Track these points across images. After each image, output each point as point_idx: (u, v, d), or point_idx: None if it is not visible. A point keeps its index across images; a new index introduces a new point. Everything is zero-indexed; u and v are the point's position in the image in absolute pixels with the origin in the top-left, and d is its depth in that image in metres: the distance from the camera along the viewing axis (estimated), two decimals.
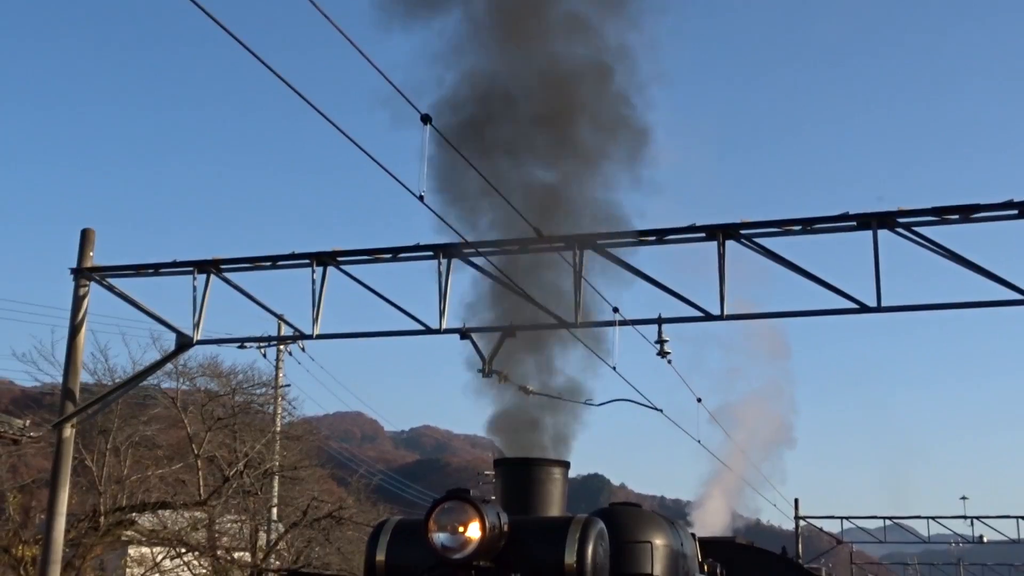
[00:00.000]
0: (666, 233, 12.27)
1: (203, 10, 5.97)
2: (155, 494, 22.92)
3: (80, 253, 14.60)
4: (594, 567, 6.94)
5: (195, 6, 5.92)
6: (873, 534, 45.62)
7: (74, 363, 14.37)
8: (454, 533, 6.73)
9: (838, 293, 11.35)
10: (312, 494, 28.47)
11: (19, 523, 19.94)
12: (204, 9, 5.96)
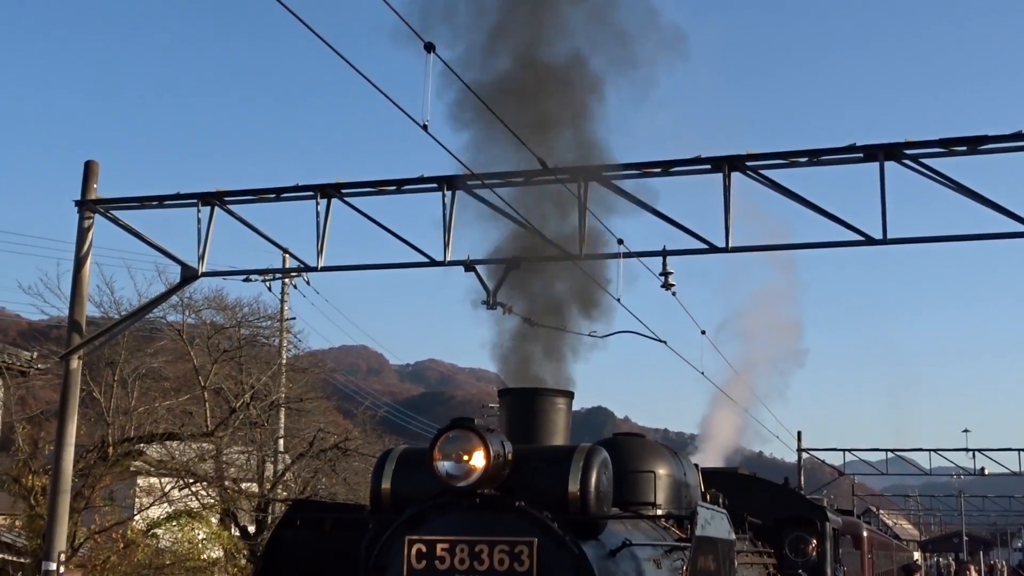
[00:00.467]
0: (671, 165, 12.22)
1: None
2: (162, 425, 23.09)
3: (84, 185, 14.58)
4: (597, 495, 6.99)
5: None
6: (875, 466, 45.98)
7: (80, 295, 14.41)
8: (459, 462, 6.78)
9: (844, 225, 11.33)
10: (318, 426, 28.70)
11: (28, 454, 20.09)
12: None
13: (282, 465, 28.18)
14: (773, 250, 12.39)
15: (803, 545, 13.69)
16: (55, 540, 13.77)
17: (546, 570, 6.65)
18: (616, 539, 7.31)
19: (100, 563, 20.63)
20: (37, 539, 17.77)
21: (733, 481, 13.14)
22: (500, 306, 10.71)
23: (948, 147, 11.13)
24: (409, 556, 6.90)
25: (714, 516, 7.54)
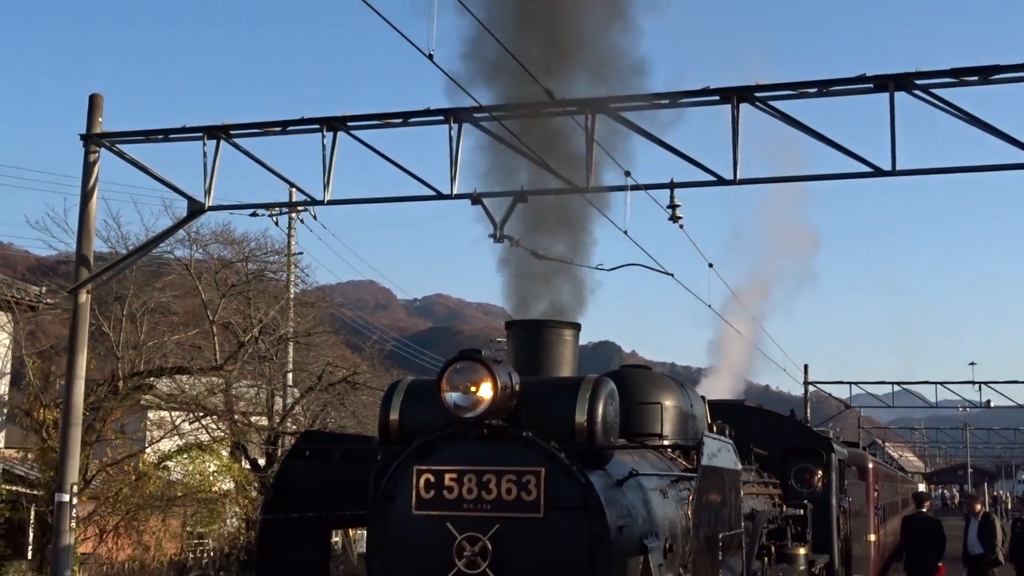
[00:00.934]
0: (680, 96, 12.12)
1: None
2: (172, 359, 23.23)
3: (89, 119, 14.53)
4: (604, 426, 7.03)
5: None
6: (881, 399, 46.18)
7: (87, 230, 14.42)
8: (466, 393, 6.81)
9: (853, 157, 11.26)
10: (326, 360, 28.86)
11: (39, 388, 20.26)
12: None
13: (291, 399, 28.38)
14: (781, 182, 12.33)
15: (808, 476, 13.79)
16: (67, 472, 13.91)
17: (553, 499, 6.71)
18: (622, 469, 7.37)
19: (112, 495, 20.89)
20: (50, 471, 17.97)
21: (739, 413, 13.20)
22: (507, 239, 10.69)
23: (959, 77, 11.02)
24: (418, 486, 6.96)
25: (720, 447, 7.59)
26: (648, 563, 7.23)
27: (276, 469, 8.30)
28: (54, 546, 14.04)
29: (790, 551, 11.86)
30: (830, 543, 13.74)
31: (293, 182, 14.91)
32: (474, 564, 6.68)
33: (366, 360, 31.19)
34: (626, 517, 7.04)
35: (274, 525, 7.51)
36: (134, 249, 17.67)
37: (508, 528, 6.70)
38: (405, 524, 7.01)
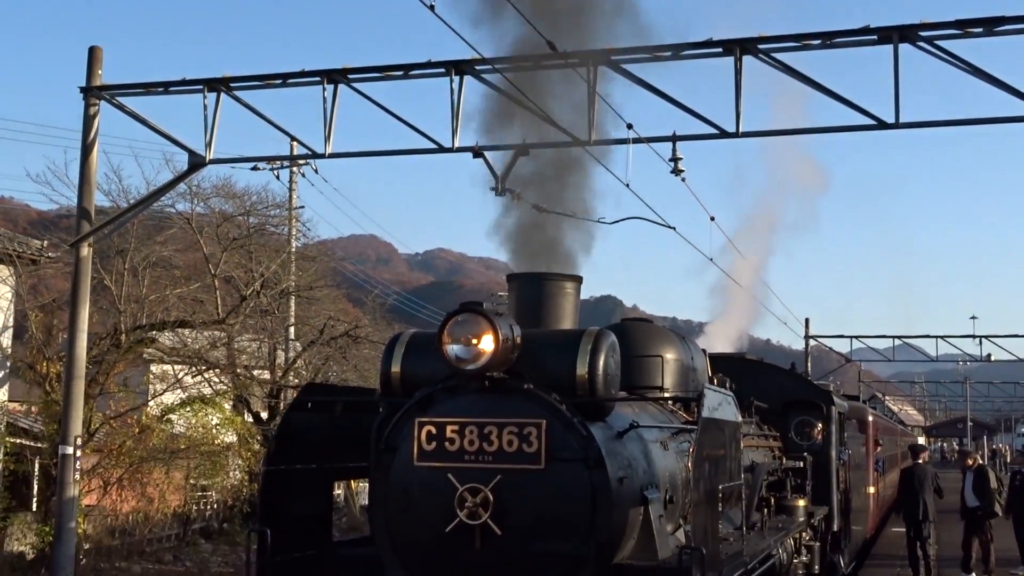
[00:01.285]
0: (682, 48, 12.04)
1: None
2: (174, 313, 23.26)
3: (88, 71, 14.45)
4: (605, 378, 7.06)
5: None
6: (882, 353, 46.29)
7: (88, 183, 14.39)
8: (468, 345, 6.83)
9: (856, 109, 11.20)
10: (328, 314, 28.91)
11: (42, 341, 20.30)
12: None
13: (293, 352, 28.47)
14: (783, 135, 12.28)
15: (808, 429, 13.86)
16: (71, 425, 13.98)
17: (554, 451, 6.75)
18: (623, 421, 7.40)
19: (116, 448, 21.00)
20: (53, 424, 18.05)
21: (740, 366, 13.24)
22: (509, 192, 10.66)
23: (964, 28, 10.94)
24: (419, 437, 7.00)
25: (720, 399, 7.62)
26: (648, 514, 7.29)
27: (278, 422, 8.33)
28: (58, 498, 14.14)
29: (789, 503, 11.95)
30: (829, 495, 13.83)
31: (294, 135, 14.86)
32: (475, 515, 6.73)
33: (368, 314, 31.26)
34: (627, 469, 7.09)
35: (277, 477, 7.56)
36: (135, 202, 17.64)
37: (509, 479, 6.75)
38: (407, 476, 7.05)
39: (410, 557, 7.06)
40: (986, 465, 18.42)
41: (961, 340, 41.28)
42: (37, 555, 18.65)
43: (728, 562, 7.34)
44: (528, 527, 6.72)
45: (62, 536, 13.86)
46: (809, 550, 12.33)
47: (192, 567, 22.47)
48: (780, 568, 9.91)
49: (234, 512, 27.75)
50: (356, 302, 36.29)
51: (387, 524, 7.15)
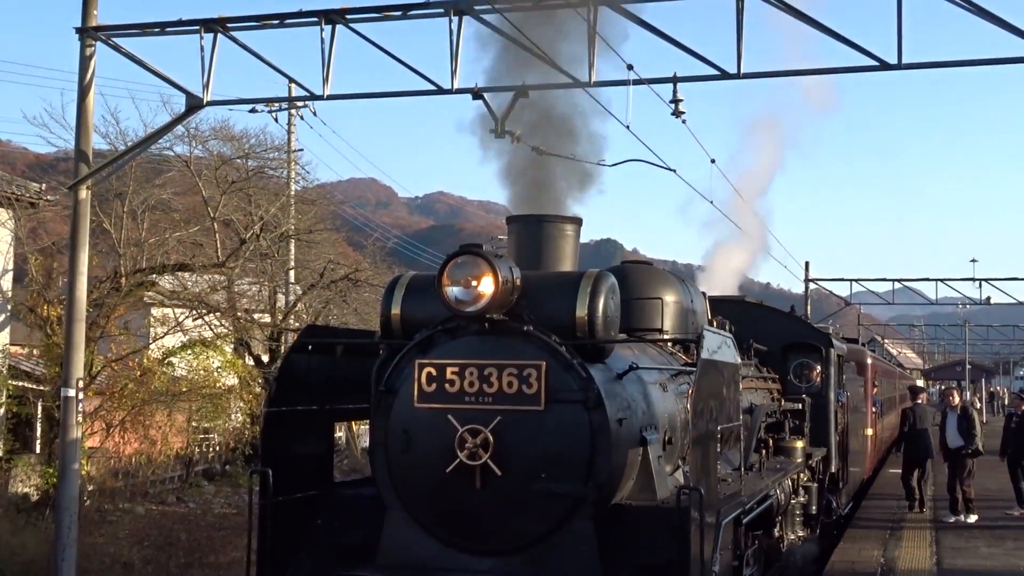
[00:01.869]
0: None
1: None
2: (173, 257, 23.27)
3: (84, 12, 14.28)
4: (605, 320, 7.07)
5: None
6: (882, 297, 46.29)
7: (85, 125, 14.29)
8: (467, 287, 6.83)
9: (859, 50, 11.09)
10: (328, 257, 28.92)
11: (42, 284, 20.33)
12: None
13: (293, 296, 28.50)
14: (785, 76, 12.17)
15: (807, 371, 13.90)
16: (72, 367, 14.00)
17: (554, 392, 6.78)
18: (623, 363, 7.42)
19: (118, 390, 21.10)
20: (55, 367, 18.12)
21: (739, 309, 13.26)
22: (508, 134, 10.59)
23: None
24: (420, 379, 7.02)
25: (720, 341, 7.63)
26: (647, 455, 7.34)
27: (279, 364, 8.35)
28: (61, 440, 14.20)
29: (788, 444, 12.02)
30: (827, 437, 13.91)
31: (292, 76, 14.74)
32: (476, 456, 6.77)
33: (368, 258, 31.25)
34: (626, 410, 7.12)
35: (278, 418, 7.60)
36: (133, 144, 17.55)
37: (509, 420, 6.79)
38: (407, 417, 7.09)
39: (411, 497, 7.12)
40: (970, 406, 18.41)
41: (961, 283, 41.26)
42: (41, 496, 18.82)
43: (726, 502, 7.40)
44: (528, 468, 6.77)
45: (66, 477, 13.94)
46: (807, 491, 12.42)
47: (195, 508, 22.69)
48: (778, 508, 9.99)
49: (236, 454, 27.96)
50: (356, 246, 36.27)
51: (388, 465, 7.20)
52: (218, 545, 17.23)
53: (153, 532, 18.05)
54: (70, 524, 13.71)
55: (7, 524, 15.66)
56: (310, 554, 7.58)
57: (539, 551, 6.85)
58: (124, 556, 15.71)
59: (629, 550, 6.78)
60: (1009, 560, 13.45)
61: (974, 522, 16.59)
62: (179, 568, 14.88)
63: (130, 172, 21.93)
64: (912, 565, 13.00)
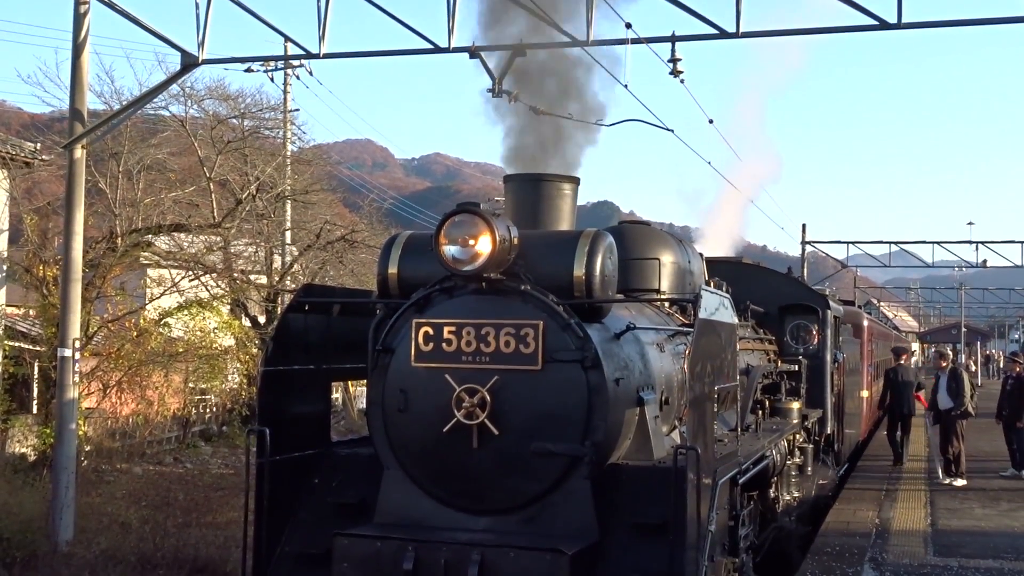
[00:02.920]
0: None
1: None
2: (169, 217, 23.20)
3: None
4: (602, 279, 7.04)
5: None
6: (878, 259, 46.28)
7: (80, 83, 14.20)
8: (464, 246, 6.79)
9: (858, 8, 11.01)
10: (324, 218, 28.86)
11: (38, 244, 20.27)
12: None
13: (289, 257, 28.46)
14: (784, 35, 12.08)
15: (804, 332, 13.91)
16: (68, 327, 13.99)
17: (551, 352, 6.77)
18: (620, 323, 7.41)
19: (114, 351, 21.10)
20: (51, 327, 18.10)
21: (737, 270, 13.25)
22: (506, 94, 10.52)
23: None
24: (417, 339, 7.01)
25: (717, 301, 7.62)
26: (644, 415, 7.35)
27: (276, 324, 8.34)
28: (58, 400, 14.21)
29: (784, 405, 12.04)
30: (823, 398, 13.95)
31: (288, 35, 14.63)
32: (473, 415, 6.77)
33: (364, 219, 31.18)
34: (623, 370, 7.12)
35: (275, 377, 7.59)
36: (128, 103, 17.45)
37: (506, 380, 6.78)
38: (404, 376, 7.08)
39: (408, 456, 7.13)
40: (960, 367, 18.52)
41: (957, 246, 41.29)
42: (39, 456, 18.86)
43: (722, 462, 7.41)
44: (525, 427, 6.77)
45: (63, 437, 13.97)
46: (803, 452, 12.46)
47: (192, 468, 22.74)
48: (774, 469, 10.02)
49: (233, 415, 28.02)
50: (352, 207, 36.19)
51: (385, 424, 7.20)
52: (215, 505, 17.28)
53: (150, 492, 18.08)
54: (67, 484, 13.75)
55: (4, 484, 15.68)
56: (308, 512, 7.60)
57: (536, 510, 6.87)
58: (122, 516, 15.74)
59: (625, 509, 6.80)
60: (1003, 521, 13.53)
61: (961, 486, 16.65)
62: (177, 527, 14.90)
63: (125, 132, 21.82)
64: (907, 526, 13.07)
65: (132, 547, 13.71)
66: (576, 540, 6.58)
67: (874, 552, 11.25)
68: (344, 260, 28.21)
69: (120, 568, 12.71)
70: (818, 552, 11.16)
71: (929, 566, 10.65)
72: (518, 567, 6.40)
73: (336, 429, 20.94)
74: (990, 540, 12.14)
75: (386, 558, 6.63)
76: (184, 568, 12.72)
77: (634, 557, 6.60)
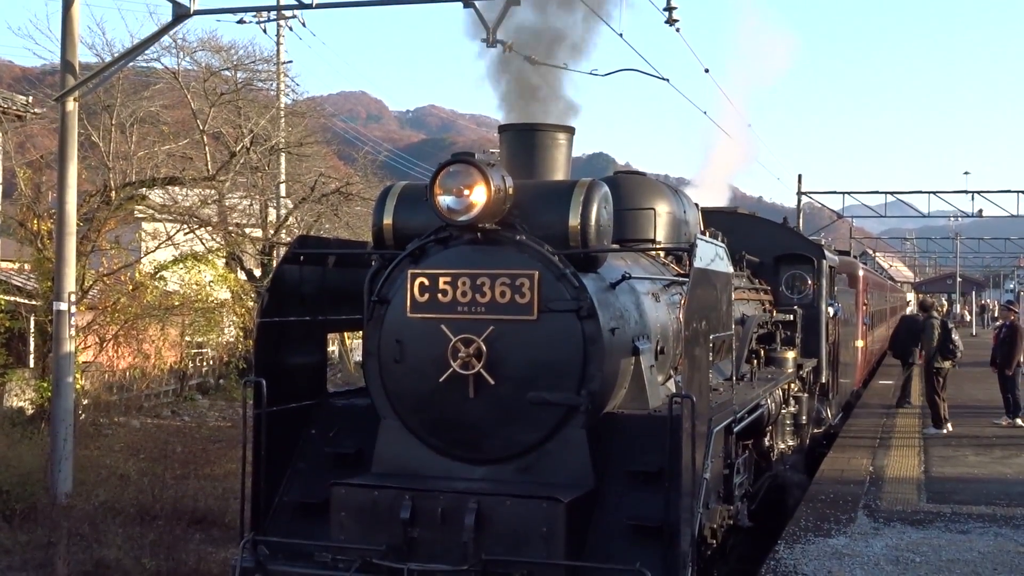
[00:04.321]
0: None
1: None
2: (163, 170, 23.09)
3: None
4: (598, 229, 7.03)
5: None
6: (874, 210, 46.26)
7: (71, 35, 14.08)
8: (459, 196, 6.77)
9: None
10: (319, 171, 28.78)
11: (31, 198, 20.18)
12: None
13: (284, 210, 28.41)
14: None
15: (799, 282, 13.93)
16: (64, 281, 13.98)
17: (547, 302, 6.77)
18: (615, 273, 7.41)
19: (110, 305, 21.10)
20: (46, 281, 18.08)
21: (732, 220, 13.24)
22: (500, 44, 10.45)
23: None
24: (412, 289, 7.01)
25: (713, 251, 7.61)
26: (639, 364, 7.37)
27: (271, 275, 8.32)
28: (55, 354, 14.24)
29: (779, 355, 12.08)
30: (818, 348, 14.00)
31: None
32: (468, 365, 6.79)
33: (359, 171, 31.08)
34: (618, 320, 7.13)
35: (270, 329, 7.59)
36: (120, 55, 17.31)
37: (502, 330, 6.79)
38: (400, 327, 7.09)
39: (404, 407, 7.15)
40: (933, 319, 18.47)
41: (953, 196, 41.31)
42: (36, 410, 18.91)
43: (717, 411, 7.44)
44: (521, 377, 6.79)
45: (60, 391, 14.01)
46: (797, 401, 12.53)
47: (190, 421, 22.86)
48: (768, 418, 10.07)
49: (230, 368, 28.11)
50: (347, 160, 36.08)
51: (381, 375, 7.22)
52: (213, 457, 17.39)
53: (149, 445, 18.19)
54: (66, 437, 13.81)
55: (2, 438, 15.75)
56: (305, 463, 7.63)
57: (532, 459, 6.91)
58: (120, 468, 15.84)
59: (621, 458, 6.84)
60: (996, 468, 13.63)
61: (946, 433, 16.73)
62: (175, 479, 15.01)
63: (118, 84, 21.67)
64: (901, 473, 13.17)
65: (131, 499, 13.82)
66: (572, 488, 6.62)
67: (868, 499, 11.34)
68: (339, 213, 28.17)
69: (120, 519, 12.81)
70: (812, 499, 11.24)
71: (922, 512, 10.74)
72: (514, 515, 6.45)
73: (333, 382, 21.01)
74: (983, 487, 12.24)
75: (383, 507, 6.68)
76: (183, 519, 12.82)
77: (630, 505, 6.65)
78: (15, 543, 12.17)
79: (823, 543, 9.29)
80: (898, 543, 9.37)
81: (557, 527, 6.36)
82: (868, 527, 10.01)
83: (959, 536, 9.72)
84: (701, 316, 6.92)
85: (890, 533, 9.78)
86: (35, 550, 11.88)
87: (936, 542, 9.42)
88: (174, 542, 11.76)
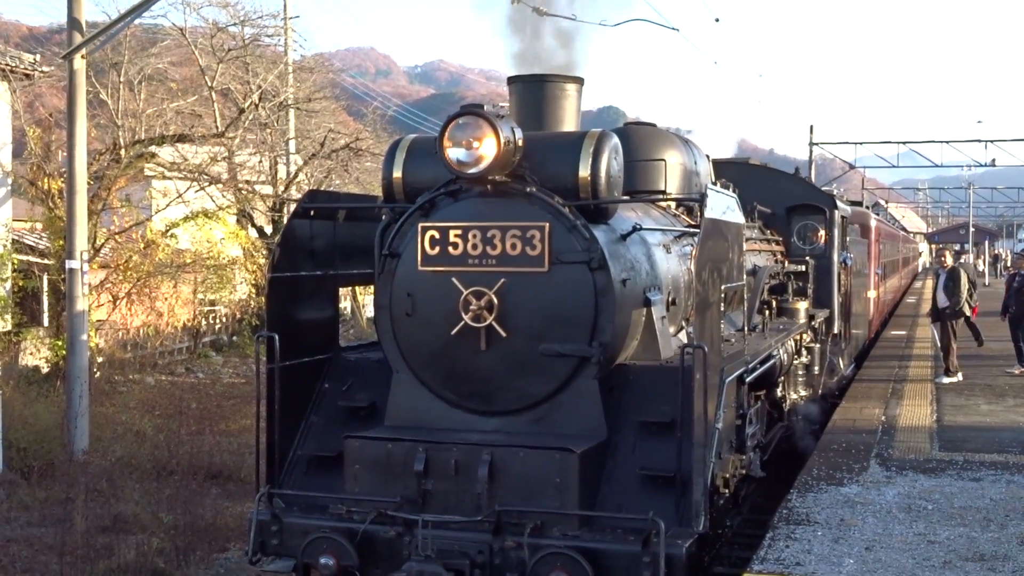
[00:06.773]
0: None
1: None
2: (172, 128, 23.07)
3: None
4: (608, 180, 6.99)
5: None
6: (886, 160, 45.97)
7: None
8: (469, 148, 6.72)
9: None
10: (328, 127, 28.70)
11: (41, 157, 20.19)
12: None
13: (294, 166, 28.38)
14: None
15: (811, 233, 13.87)
16: (75, 239, 14.02)
17: (558, 253, 6.76)
18: (626, 224, 7.39)
19: (122, 263, 21.17)
20: (58, 240, 18.14)
21: (744, 171, 13.16)
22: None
23: None
24: (423, 242, 6.99)
25: (724, 201, 7.57)
26: (651, 315, 7.36)
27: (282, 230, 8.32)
28: (68, 312, 14.31)
29: (791, 305, 12.05)
30: (830, 299, 13.95)
31: None
32: (480, 318, 6.79)
33: (368, 127, 31.00)
34: (629, 271, 7.11)
35: (282, 283, 7.60)
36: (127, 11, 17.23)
37: (513, 282, 6.78)
38: (411, 280, 7.08)
39: (416, 360, 7.16)
40: (960, 267, 18.28)
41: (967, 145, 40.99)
42: (51, 368, 19.04)
43: (729, 361, 7.43)
44: (533, 329, 6.79)
45: (75, 349, 14.10)
46: (809, 351, 12.51)
47: (204, 378, 22.98)
48: (780, 368, 10.07)
49: (243, 325, 28.22)
50: (356, 115, 35.99)
51: (393, 328, 7.22)
52: (228, 413, 17.50)
53: (163, 401, 18.31)
54: (81, 394, 13.91)
55: (19, 396, 15.86)
56: (319, 417, 7.67)
57: (544, 410, 6.93)
58: (136, 425, 15.96)
59: (633, 408, 6.85)
60: (1008, 416, 13.62)
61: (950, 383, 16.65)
62: (190, 435, 15.12)
63: (125, 41, 21.60)
64: (913, 422, 13.16)
65: (147, 455, 13.94)
66: (584, 439, 6.64)
67: (880, 448, 11.35)
68: (349, 168, 28.15)
69: (136, 475, 12.94)
70: (825, 449, 11.26)
71: (935, 461, 10.75)
72: (528, 466, 6.48)
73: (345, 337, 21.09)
74: (995, 435, 12.24)
75: (397, 459, 6.72)
76: (199, 474, 12.93)
77: (642, 455, 6.67)
78: (34, 499, 12.31)
79: (835, 492, 9.30)
80: (910, 491, 9.39)
81: (570, 477, 6.39)
82: (880, 475, 10.02)
83: (971, 484, 9.73)
84: (712, 267, 6.90)
85: (902, 481, 9.79)
86: (53, 506, 12.00)
87: (948, 490, 9.43)
88: (190, 496, 11.87)
